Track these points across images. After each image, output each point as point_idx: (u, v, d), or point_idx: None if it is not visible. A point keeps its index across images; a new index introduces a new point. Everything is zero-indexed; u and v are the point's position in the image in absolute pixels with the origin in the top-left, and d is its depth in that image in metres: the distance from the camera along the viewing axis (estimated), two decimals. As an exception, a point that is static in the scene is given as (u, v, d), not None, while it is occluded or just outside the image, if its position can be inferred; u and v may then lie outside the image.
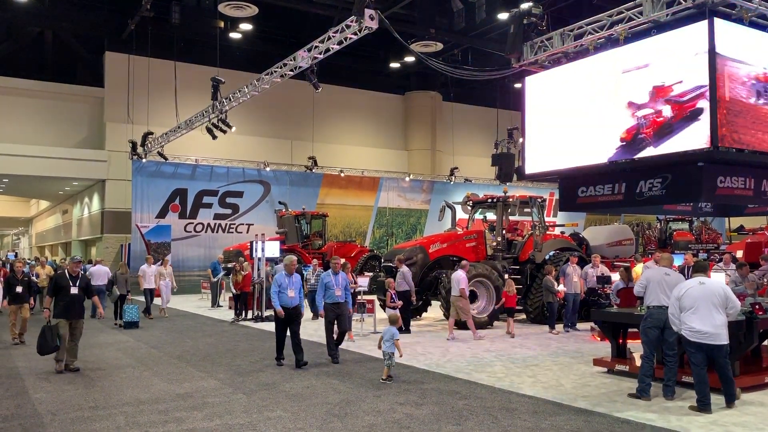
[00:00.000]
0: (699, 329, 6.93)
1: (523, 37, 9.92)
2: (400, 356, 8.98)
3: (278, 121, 30.67)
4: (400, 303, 12.64)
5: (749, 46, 7.86)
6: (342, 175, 29.28)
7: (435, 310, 16.01)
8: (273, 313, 9.78)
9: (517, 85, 9.26)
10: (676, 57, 7.79)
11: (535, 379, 8.75)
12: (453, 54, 28.26)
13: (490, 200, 16.60)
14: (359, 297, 13.97)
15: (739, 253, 18.37)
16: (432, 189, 31.90)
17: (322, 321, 10.70)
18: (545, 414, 6.91)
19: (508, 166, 20.32)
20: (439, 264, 15.19)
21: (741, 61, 7.69)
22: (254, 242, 16.80)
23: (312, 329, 13.61)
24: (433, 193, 31.52)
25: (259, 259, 16.41)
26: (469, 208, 17.10)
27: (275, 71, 17.27)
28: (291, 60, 16.46)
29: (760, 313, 7.81)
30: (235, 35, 27.23)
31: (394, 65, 31.10)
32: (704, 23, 7.51)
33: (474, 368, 9.48)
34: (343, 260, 10.79)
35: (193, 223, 26.36)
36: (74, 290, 9.47)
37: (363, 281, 14.90)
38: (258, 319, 15.73)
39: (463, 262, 13.42)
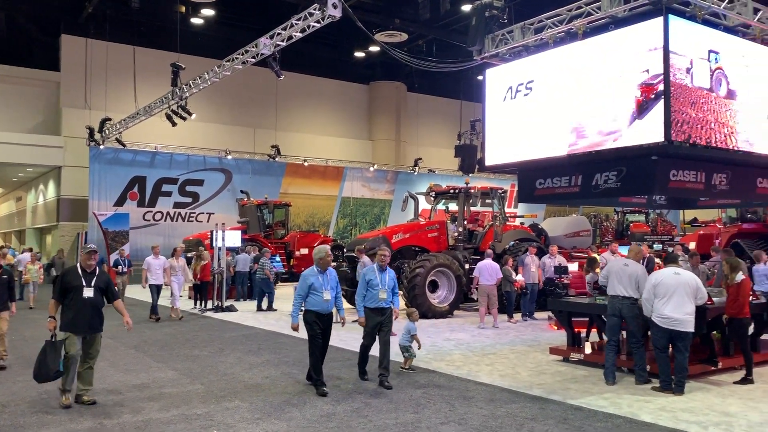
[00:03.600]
0: (669, 316, 7.35)
1: (485, 29, 9.99)
2: (419, 348, 9.01)
3: (241, 108, 30.30)
4: None
5: (702, 43, 8.06)
6: (306, 164, 29.14)
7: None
8: (306, 324, 7.53)
9: (481, 77, 9.36)
10: (632, 52, 7.94)
11: (493, 368, 8.89)
12: (418, 45, 28.31)
13: (452, 191, 16.73)
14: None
15: (692, 245, 18.94)
16: (396, 179, 31.98)
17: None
18: (501, 402, 7.03)
19: (470, 157, 20.55)
20: (402, 254, 15.27)
21: (694, 57, 7.88)
22: (215, 231, 16.61)
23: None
24: (397, 184, 31.61)
25: (220, 248, 16.24)
26: (432, 198, 17.22)
27: (237, 58, 17.05)
28: (253, 47, 16.27)
29: (710, 303, 8.08)
30: (197, 21, 26.75)
31: (359, 54, 31.00)
32: (659, 20, 7.66)
33: (433, 357, 9.58)
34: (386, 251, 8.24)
35: (152, 211, 25.93)
36: (89, 292, 6.95)
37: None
38: (218, 309, 15.59)
39: (488, 251, 13.63)
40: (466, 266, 14.97)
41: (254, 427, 6.15)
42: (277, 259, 20.01)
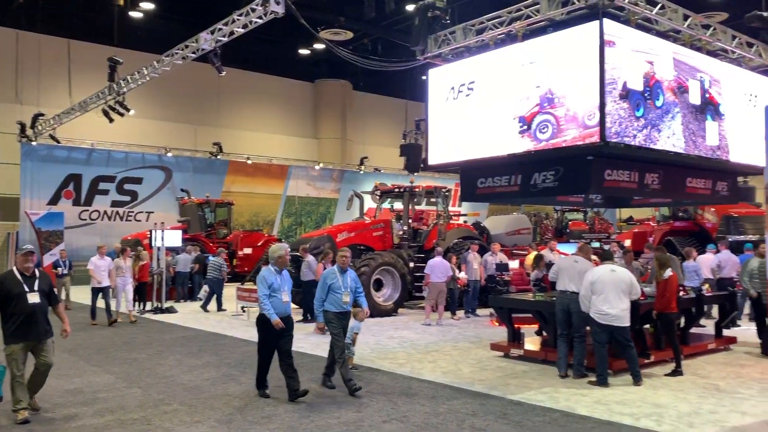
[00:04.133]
0: (607, 312, 7.62)
1: (428, 30, 10.05)
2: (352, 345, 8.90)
3: (181, 105, 29.57)
4: None
5: (637, 47, 8.33)
6: (249, 162, 28.68)
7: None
8: (265, 325, 7.09)
9: (425, 77, 9.43)
10: (569, 54, 8.14)
11: (436, 365, 8.97)
12: (363, 43, 28.24)
13: (397, 190, 16.80)
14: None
15: (628, 242, 19.63)
16: (342, 178, 31.87)
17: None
18: (443, 398, 7.11)
19: (415, 156, 20.62)
20: (350, 253, 15.23)
21: (628, 60, 8.14)
22: (154, 231, 16.18)
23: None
24: (343, 182, 31.50)
25: (159, 248, 15.83)
26: (378, 197, 17.26)
27: (176, 53, 16.63)
28: (193, 42, 15.90)
29: (642, 298, 8.38)
30: (136, 14, 25.95)
31: (304, 52, 30.71)
32: (596, 23, 7.88)
33: (377, 356, 9.60)
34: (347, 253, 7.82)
35: (88, 210, 25.01)
36: (34, 298, 6.41)
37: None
38: (158, 311, 15.20)
39: (438, 249, 13.69)
40: (411, 264, 15.08)
41: (193, 430, 6.03)
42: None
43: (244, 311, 14.23)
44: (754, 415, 6.42)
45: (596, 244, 20.37)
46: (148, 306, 15.54)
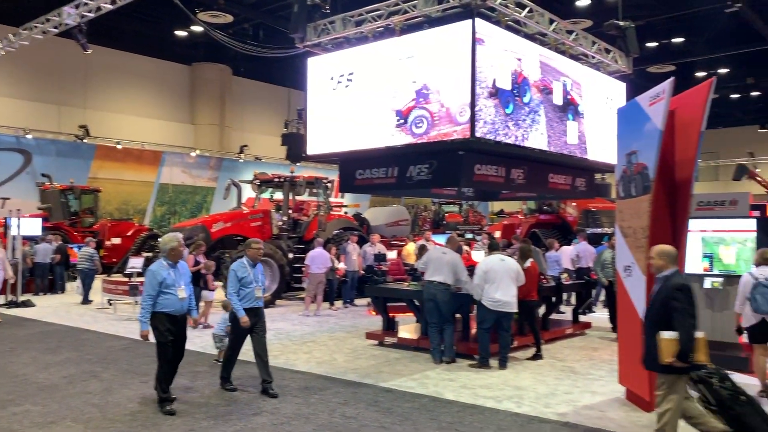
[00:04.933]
0: (499, 299, 8.02)
1: (307, 18, 9.95)
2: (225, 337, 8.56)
3: (43, 83, 27.26)
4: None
5: (506, 47, 8.73)
6: (119, 147, 27.07)
7: (218, 292, 15.61)
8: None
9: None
10: (444, 51, 8.38)
11: (310, 356, 8.96)
12: (244, 28, 27.44)
13: (277, 180, 16.56)
14: (131, 279, 13.19)
15: (498, 234, 20.63)
16: (220, 166, 30.92)
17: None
18: (315, 389, 7.12)
19: (297, 146, 20.30)
20: (223, 244, 14.84)
21: (499, 59, 8.51)
22: (9, 218, 14.88)
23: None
24: (221, 171, 30.57)
25: (15, 237, 14.59)
26: (257, 186, 16.92)
27: (36, 27, 15.35)
28: (56, 16, 14.74)
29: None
30: (-11, -19, 23.60)
31: (181, 33, 29.36)
32: (469, 22, 8.16)
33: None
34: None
35: (-67, 195, 22.60)
36: None
37: (138, 261, 14.08)
38: (13, 304, 14.01)
39: (318, 240, 13.62)
40: (290, 255, 14.94)
41: (46, 431, 5.62)
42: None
43: (110, 304, 13.46)
44: (603, 394, 6.98)
45: (469, 236, 21.25)
46: (1, 300, 14.28)
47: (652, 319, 4.98)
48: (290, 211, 15.99)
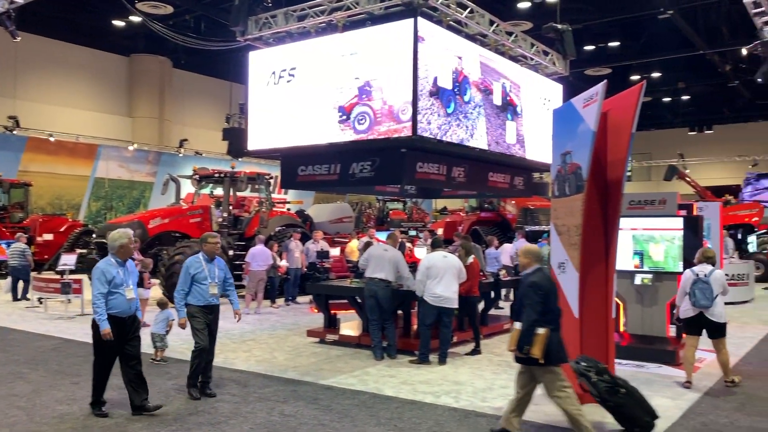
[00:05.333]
0: (440, 294, 8.10)
1: (249, 11, 9.81)
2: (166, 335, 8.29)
3: (-31, 71, 26.00)
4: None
5: (448, 46, 8.82)
6: (52, 139, 26.00)
7: (154, 289, 15.22)
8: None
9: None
10: (386, 49, 8.41)
11: (250, 354, 8.85)
12: (185, 19, 26.79)
13: (217, 175, 16.26)
14: (63, 276, 12.74)
15: (440, 231, 20.88)
16: (159, 160, 30.10)
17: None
18: (255, 387, 7.04)
19: (239, 141, 20.08)
20: (161, 240, 14.47)
21: (440, 58, 8.60)
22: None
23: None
24: (160, 165, 29.76)
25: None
26: (196, 182, 16.57)
27: (-40, 11, 14.56)
28: (-18, 1, 14.03)
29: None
30: None
31: (119, 23, 28.42)
32: (411, 20, 8.21)
33: (189, 347, 9.16)
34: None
35: None
36: None
37: (70, 258, 13.61)
38: (-67, 304, 13.30)
39: (259, 237, 13.50)
40: (231, 253, 14.69)
41: (-34, 438, 5.36)
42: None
43: (41, 303, 12.93)
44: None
45: (413, 233, 21.44)
46: None
47: (516, 312, 5.51)
48: (231, 208, 15.73)
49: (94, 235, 15.97)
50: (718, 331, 7.15)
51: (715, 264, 7.30)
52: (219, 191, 16.69)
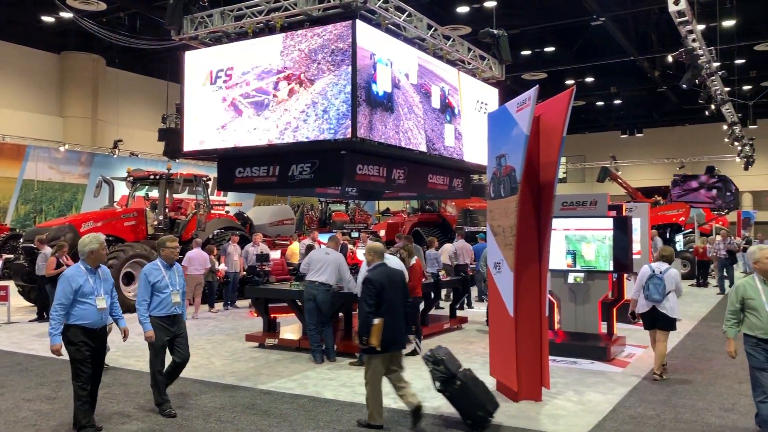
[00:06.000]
0: None
1: (184, 9, 9.59)
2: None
3: None
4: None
5: (387, 49, 8.88)
6: (-24, 139, 24.80)
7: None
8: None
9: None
10: (325, 50, 8.38)
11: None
12: (118, 17, 26.01)
13: (152, 177, 15.84)
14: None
15: (382, 232, 20.97)
16: (92, 162, 29.09)
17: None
18: (192, 394, 6.89)
19: (175, 142, 19.63)
20: (93, 244, 13.99)
21: (379, 61, 8.65)
22: None
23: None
24: (93, 167, 28.76)
25: None
26: (131, 184, 16.10)
27: None
28: None
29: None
30: None
31: (48, 19, 27.32)
32: (349, 23, 8.22)
33: (123, 354, 8.96)
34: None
35: None
36: None
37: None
38: None
39: (196, 240, 13.34)
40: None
41: None
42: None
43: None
44: (475, 386, 7.26)
45: (356, 234, 21.43)
46: None
47: (359, 305, 5.83)
48: (167, 210, 15.35)
49: (21, 240, 15.28)
50: (667, 324, 7.53)
51: (671, 263, 7.75)
52: (155, 193, 16.27)
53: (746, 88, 30.16)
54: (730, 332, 5.49)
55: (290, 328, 10.06)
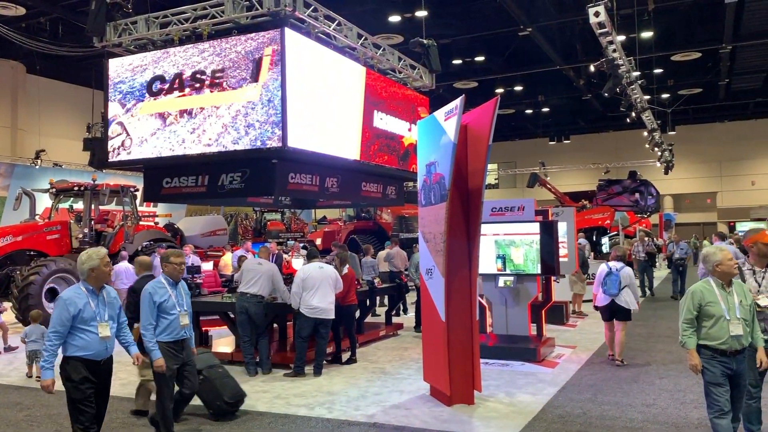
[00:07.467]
0: (316, 306, 8.06)
1: (107, 16, 9.30)
2: None
3: None
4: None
5: (318, 59, 8.87)
6: None
7: (6, 315, 13.98)
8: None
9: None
10: (251, 59, 8.30)
11: (115, 377, 8.23)
12: (39, 22, 24.94)
13: (77, 188, 15.22)
14: None
15: (319, 241, 20.87)
16: (12, 173, 27.63)
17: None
18: (118, 412, 6.66)
19: (102, 151, 18.94)
20: (12, 260, 13.34)
21: (309, 70, 8.63)
22: None
23: None
24: (14, 178, 27.32)
25: None
26: (53, 196, 15.43)
27: None
28: None
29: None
30: None
31: (-39, 23, 25.97)
32: (278, 31, 8.17)
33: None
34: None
35: None
36: None
37: None
38: None
39: (123, 253, 13.01)
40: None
41: None
42: None
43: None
44: (410, 392, 7.32)
45: (292, 243, 21.24)
46: None
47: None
48: (93, 223, 14.79)
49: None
50: (624, 315, 8.51)
51: (625, 261, 8.85)
52: (80, 205, 15.65)
53: (665, 96, 31.64)
54: (689, 343, 4.74)
55: (223, 341, 9.86)
